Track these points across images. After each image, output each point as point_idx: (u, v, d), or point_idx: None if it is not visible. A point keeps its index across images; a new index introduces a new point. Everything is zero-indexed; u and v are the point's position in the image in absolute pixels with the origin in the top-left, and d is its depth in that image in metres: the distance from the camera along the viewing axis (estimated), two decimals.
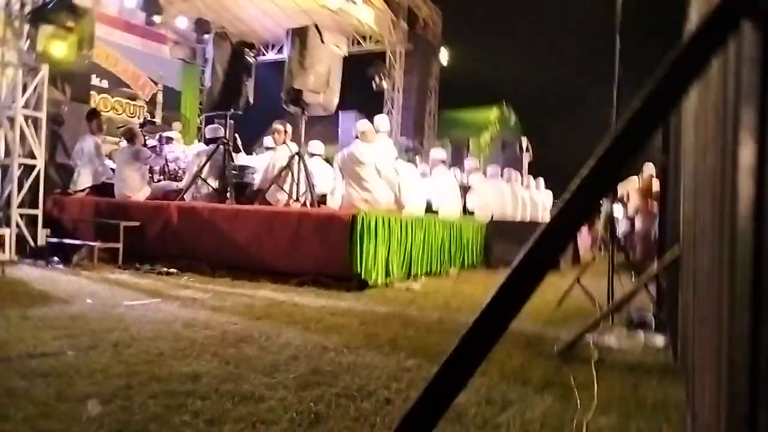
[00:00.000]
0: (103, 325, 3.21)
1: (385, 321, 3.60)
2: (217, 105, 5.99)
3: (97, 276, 5.24)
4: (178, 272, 5.52)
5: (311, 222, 5.23)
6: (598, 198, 0.78)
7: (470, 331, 0.77)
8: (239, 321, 3.46)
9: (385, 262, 5.32)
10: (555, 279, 6.48)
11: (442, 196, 7.26)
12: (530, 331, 3.51)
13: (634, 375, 2.55)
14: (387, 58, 13.86)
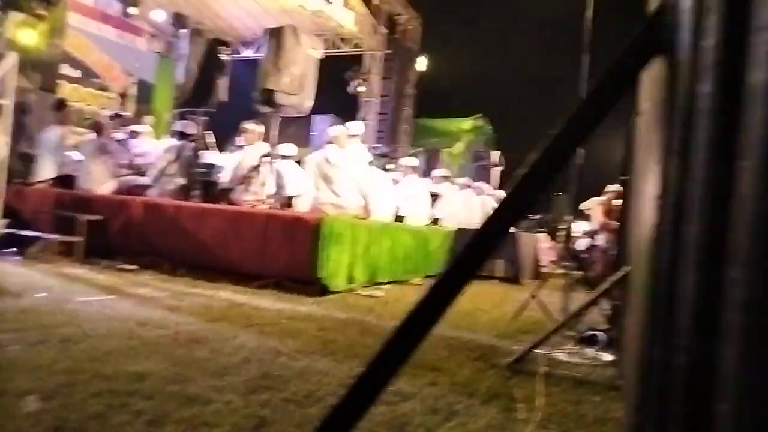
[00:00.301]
0: (55, 319, 3.15)
1: (344, 327, 3.62)
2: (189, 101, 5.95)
3: (54, 270, 5.13)
4: (138, 269, 5.44)
5: (278, 224, 5.21)
6: (514, 220, 0.82)
7: (391, 339, 0.80)
8: (194, 322, 3.44)
9: (348, 268, 5.34)
10: (516, 292, 6.62)
11: (411, 204, 7.32)
12: (485, 343, 3.57)
13: (578, 390, 2.62)
14: (365, 62, 13.91)
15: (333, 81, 13.15)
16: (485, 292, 6.46)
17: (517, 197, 0.80)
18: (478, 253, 0.77)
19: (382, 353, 0.74)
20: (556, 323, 3.95)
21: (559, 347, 3.53)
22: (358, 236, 5.45)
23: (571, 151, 0.77)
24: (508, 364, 2.96)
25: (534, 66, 21.43)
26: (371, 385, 0.75)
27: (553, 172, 0.78)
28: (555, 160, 0.78)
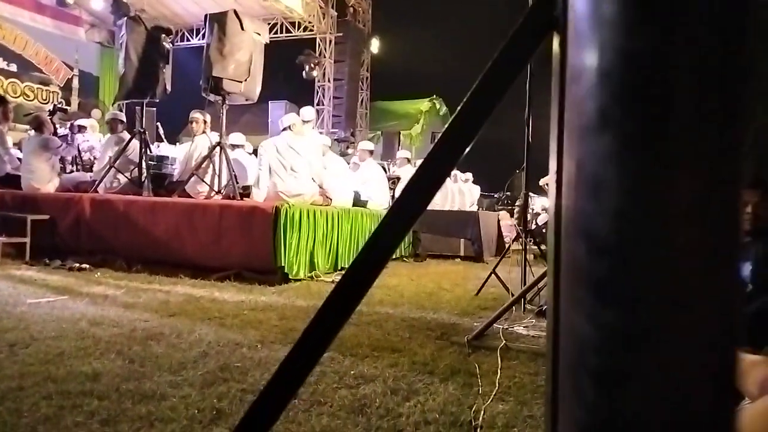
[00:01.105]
0: (2, 324, 3.03)
1: (305, 315, 3.60)
2: (131, 92, 5.72)
3: (1, 273, 4.91)
4: (91, 268, 5.26)
5: (233, 215, 5.12)
6: (423, 202, 0.82)
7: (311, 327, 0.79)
8: (151, 318, 3.36)
9: (309, 256, 5.30)
10: (478, 270, 6.72)
11: (370, 188, 7.30)
12: (446, 321, 3.62)
13: (535, 363, 2.68)
14: (317, 46, 13.73)
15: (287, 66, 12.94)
16: (448, 271, 6.54)
17: (418, 185, 0.80)
18: (393, 233, 0.77)
19: (304, 340, 0.73)
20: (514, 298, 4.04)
21: (518, 321, 3.61)
22: (317, 223, 5.41)
23: (472, 135, 0.78)
24: (468, 340, 3.01)
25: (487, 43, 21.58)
26: (293, 374, 0.74)
27: (455, 154, 0.79)
28: (456, 143, 0.78)
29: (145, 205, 5.51)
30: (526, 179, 4.53)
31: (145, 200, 5.61)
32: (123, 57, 5.68)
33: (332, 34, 13.84)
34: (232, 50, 5.27)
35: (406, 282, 5.42)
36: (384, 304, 4.18)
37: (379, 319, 3.58)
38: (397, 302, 4.28)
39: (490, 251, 8.25)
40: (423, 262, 7.43)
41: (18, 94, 11.89)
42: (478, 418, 1.93)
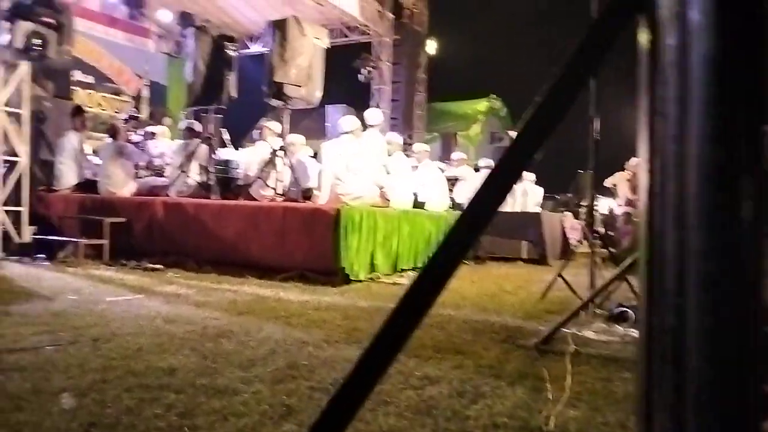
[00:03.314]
0: (85, 320, 3.21)
1: (368, 315, 3.63)
2: (199, 100, 5.97)
3: (82, 272, 5.23)
4: (164, 268, 5.51)
5: (296, 217, 5.23)
6: (502, 193, 0.80)
7: (386, 325, 0.79)
8: (221, 316, 3.48)
9: (370, 257, 5.34)
10: (542, 273, 6.56)
11: (429, 190, 7.28)
12: (511, 325, 3.55)
13: (607, 368, 2.58)
14: (373, 49, 13.82)
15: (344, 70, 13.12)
16: (511, 274, 6.42)
17: (504, 171, 0.78)
18: (468, 233, 0.75)
19: (377, 342, 0.73)
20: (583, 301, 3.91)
21: (587, 325, 3.49)
22: (377, 225, 5.44)
23: (555, 122, 0.76)
24: (535, 344, 2.94)
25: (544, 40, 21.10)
26: (366, 377, 0.74)
27: (533, 147, 0.77)
28: (535, 136, 0.76)
29: (213, 208, 5.72)
30: (592, 179, 4.39)
31: (213, 203, 5.82)
32: (191, 66, 5.93)
33: (389, 37, 13.90)
34: (293, 55, 5.40)
35: (467, 284, 5.36)
36: (446, 305, 4.15)
37: (442, 321, 3.56)
38: (459, 304, 4.24)
39: (554, 254, 8.04)
40: (483, 264, 7.32)
41: (94, 104, 12.59)
42: (549, 424, 1.88)
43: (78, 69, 11.61)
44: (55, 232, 6.30)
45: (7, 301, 3.63)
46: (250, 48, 14.84)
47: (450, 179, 8.20)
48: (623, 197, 9.25)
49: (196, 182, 6.27)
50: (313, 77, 5.60)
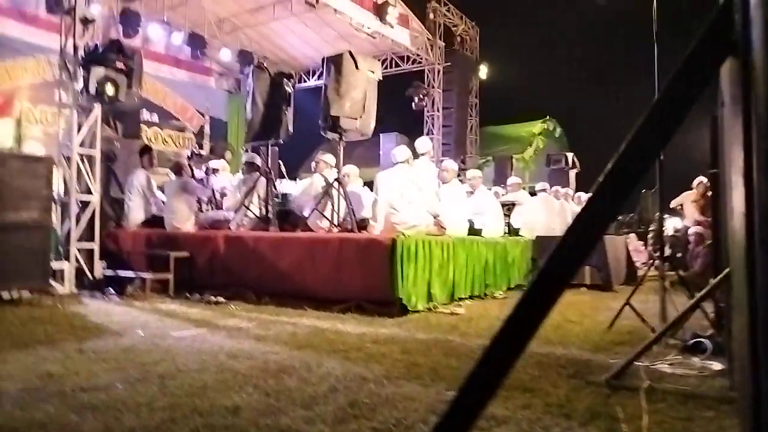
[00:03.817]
0: (152, 356, 3.30)
1: (427, 349, 3.56)
2: (258, 135, 6.16)
3: (149, 307, 5.42)
4: (225, 301, 5.65)
5: (352, 247, 5.26)
6: (604, 221, 0.76)
7: (485, 355, 0.75)
8: (281, 350, 3.50)
9: (427, 286, 5.28)
10: (607, 300, 6.29)
11: (484, 216, 7.17)
12: (578, 358, 3.40)
13: (686, 405, 2.41)
14: (425, 76, 13.93)
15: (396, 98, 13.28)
16: (574, 302, 6.17)
17: (597, 208, 0.74)
18: (567, 262, 0.72)
19: (474, 377, 0.69)
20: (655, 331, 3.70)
21: (661, 358, 3.29)
22: (433, 253, 5.39)
23: (642, 170, 0.72)
24: (607, 380, 2.78)
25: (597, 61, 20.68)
26: (464, 412, 0.70)
27: (624, 191, 0.73)
28: (625, 179, 0.73)
29: (271, 241, 5.83)
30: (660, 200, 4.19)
31: (271, 236, 5.94)
32: (250, 102, 6.15)
33: (440, 64, 13.99)
34: (348, 89, 5.50)
35: None
36: None
37: None
38: None
39: (619, 279, 7.70)
40: None
41: (159, 141, 13.29)
42: None
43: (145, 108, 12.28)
44: (124, 267, 6.59)
45: (81, 338, 3.79)
46: (306, 81, 15.31)
47: (505, 204, 8.06)
48: (690, 218, 8.82)
49: (256, 215, 6.42)
50: (368, 109, 5.68)
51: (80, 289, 6.28)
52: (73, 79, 6.44)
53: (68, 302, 5.43)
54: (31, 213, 5.31)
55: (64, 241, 6.44)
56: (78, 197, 6.52)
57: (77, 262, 6.44)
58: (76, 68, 6.38)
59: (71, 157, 6.47)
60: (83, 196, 6.59)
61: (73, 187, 6.47)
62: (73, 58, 6.44)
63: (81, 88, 6.36)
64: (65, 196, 6.54)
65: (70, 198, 6.46)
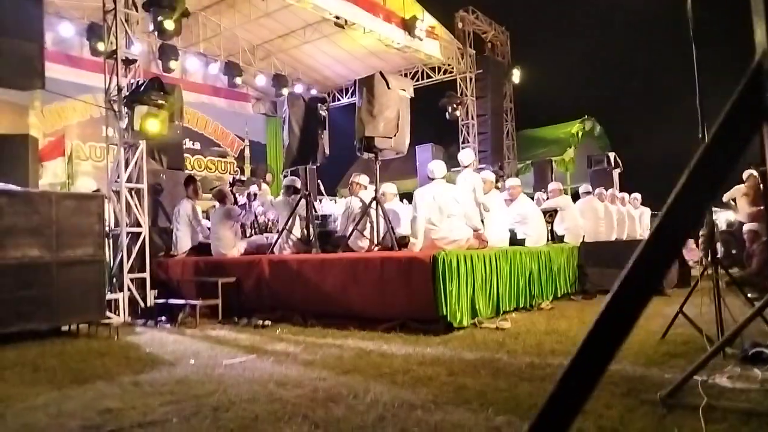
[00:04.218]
0: (205, 388, 3.39)
1: (474, 370, 3.53)
2: (296, 161, 6.29)
3: (200, 334, 5.56)
4: (272, 324, 5.75)
5: (393, 266, 5.27)
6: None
7: (564, 378, 0.75)
8: (329, 376, 3.53)
9: (470, 302, 5.24)
10: (659, 305, 6.07)
11: (526, 225, 7.07)
12: (631, 373, 3.29)
13: (749, 426, 2.31)
14: (457, 85, 13.90)
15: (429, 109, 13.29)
16: None
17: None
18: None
19: (554, 401, 0.69)
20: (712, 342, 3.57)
21: (719, 371, 3.16)
22: (476, 268, 5.35)
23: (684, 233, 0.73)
24: (662, 397, 2.69)
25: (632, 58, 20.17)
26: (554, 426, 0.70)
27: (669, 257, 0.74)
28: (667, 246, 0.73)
29: (314, 263, 5.91)
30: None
31: (314, 258, 6.03)
32: (287, 129, 6.29)
33: (472, 72, 13.94)
34: (381, 109, 5.55)
35: (577, 325, 5.08)
36: (556, 354, 3.95)
37: (554, 372, 3.38)
38: (571, 351, 3.95)
39: (671, 281, 7.44)
40: (593, 299, 6.92)
41: (202, 168, 13.73)
42: None
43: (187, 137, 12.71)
44: (174, 295, 6.80)
45: (136, 371, 3.93)
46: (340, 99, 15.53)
47: (547, 211, 7.92)
48: (743, 211, 8.44)
49: (298, 238, 6.53)
50: (401, 127, 5.72)
51: (134, 318, 6.52)
52: (118, 118, 6.74)
53: (123, 332, 5.63)
54: (86, 249, 5.56)
55: (117, 271, 6.71)
56: (128, 230, 6.78)
57: (130, 291, 6.69)
58: (121, 107, 6.67)
59: (120, 191, 6.76)
60: (133, 228, 6.85)
61: (123, 220, 6.74)
62: (117, 98, 6.74)
63: (126, 125, 6.65)
64: (116, 229, 6.83)
65: (121, 231, 6.73)
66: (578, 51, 20.06)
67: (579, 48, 19.98)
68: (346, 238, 6.20)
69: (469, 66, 13.88)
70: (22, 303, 5.08)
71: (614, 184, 11.38)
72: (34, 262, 5.18)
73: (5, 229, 5.00)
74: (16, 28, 5.30)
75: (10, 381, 3.76)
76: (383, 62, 13.89)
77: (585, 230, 8.09)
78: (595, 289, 7.18)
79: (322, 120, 6.21)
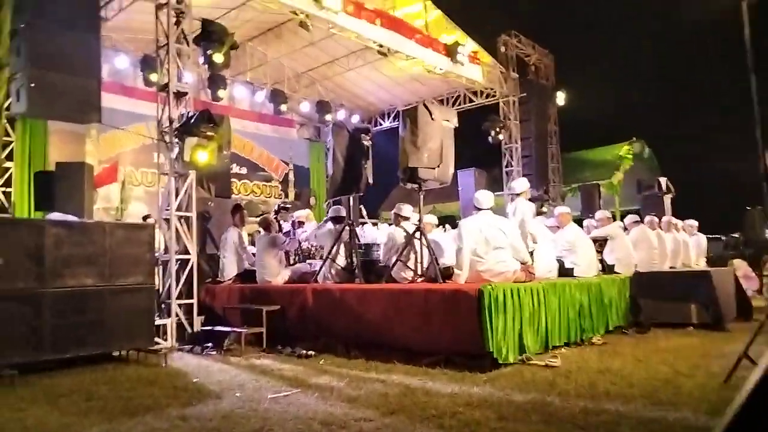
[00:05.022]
0: (250, 425, 3.39)
1: (525, 415, 3.39)
2: (339, 190, 6.34)
3: (245, 363, 5.59)
4: (315, 354, 5.73)
5: (437, 298, 5.19)
6: None
7: None
8: (374, 416, 3.46)
9: (518, 337, 5.09)
10: (720, 342, 5.78)
11: (575, 255, 6.87)
12: (693, 424, 3.10)
13: None
14: (500, 109, 13.80)
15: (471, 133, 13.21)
16: (681, 346, 5.71)
17: None
18: None
19: None
20: None
21: None
22: (523, 301, 5.20)
23: None
24: None
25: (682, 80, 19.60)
26: None
27: None
28: None
29: (357, 292, 5.89)
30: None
31: (357, 287, 6.00)
32: (331, 159, 6.36)
33: (515, 95, 13.83)
34: (425, 140, 5.54)
35: (632, 363, 4.85)
36: (611, 397, 3.77)
37: (610, 420, 3.22)
38: (626, 394, 3.82)
39: (730, 314, 7.06)
40: (647, 333, 6.62)
41: (248, 192, 14.03)
42: None
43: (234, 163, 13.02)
44: (220, 322, 6.89)
45: (183, 402, 3.96)
46: (382, 124, 15.66)
47: (597, 240, 7.68)
48: None
49: (341, 267, 6.54)
50: (445, 158, 5.68)
51: (181, 344, 6.62)
52: (169, 148, 6.96)
53: (170, 358, 5.72)
54: (137, 277, 5.71)
55: (165, 297, 6.86)
56: (177, 256, 6.94)
57: (178, 317, 6.81)
58: (172, 138, 6.89)
59: (170, 219, 6.94)
60: (182, 255, 7.01)
61: (173, 247, 6.90)
62: (168, 129, 6.97)
63: (177, 156, 6.85)
64: (166, 255, 7.00)
65: (171, 257, 6.89)
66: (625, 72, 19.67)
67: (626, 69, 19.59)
68: (389, 268, 6.15)
69: (513, 89, 13.77)
70: (77, 329, 5.24)
71: (666, 210, 10.97)
72: (89, 290, 5.34)
73: (63, 259, 5.19)
74: (77, 65, 5.56)
75: (65, 410, 3.85)
76: (425, 87, 13.94)
77: (638, 260, 7.80)
78: (650, 321, 6.88)
79: (365, 150, 6.24)
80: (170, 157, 7.00)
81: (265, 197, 14.30)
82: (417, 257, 5.95)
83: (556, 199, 13.66)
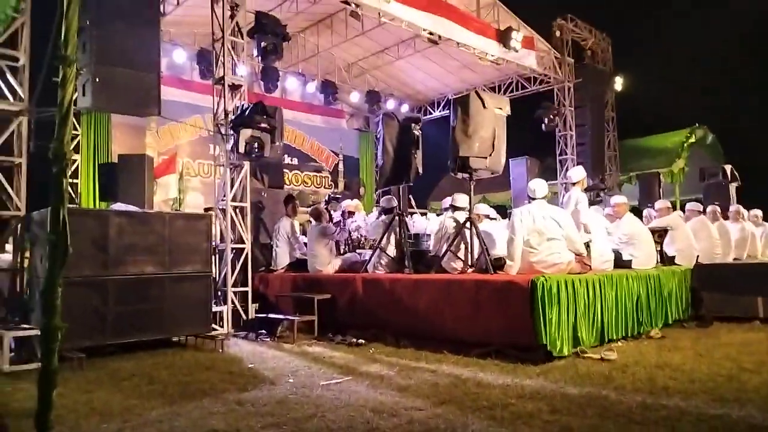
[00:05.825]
0: (304, 410, 3.46)
1: (579, 408, 3.32)
2: (389, 180, 6.34)
3: (297, 349, 5.72)
4: (365, 343, 5.79)
5: (489, 289, 5.13)
6: None
7: None
8: (424, 405, 3.47)
9: (572, 329, 4.97)
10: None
11: (633, 246, 6.62)
12: (760, 423, 2.95)
13: None
14: (554, 95, 13.41)
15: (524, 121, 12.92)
16: (746, 341, 5.45)
17: None
18: None
19: None
20: None
21: None
22: (577, 293, 5.07)
23: None
24: None
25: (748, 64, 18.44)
26: None
27: None
28: None
29: (407, 283, 5.90)
30: None
31: (407, 278, 6.01)
32: (381, 149, 6.36)
33: (570, 81, 13.40)
34: (476, 129, 5.45)
35: (693, 358, 4.66)
36: (671, 392, 3.63)
37: (669, 416, 3.10)
38: (688, 390, 3.68)
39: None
40: (708, 327, 6.33)
41: (299, 183, 14.27)
42: None
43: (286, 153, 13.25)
44: (273, 309, 7.06)
45: (239, 387, 4.08)
46: (432, 113, 15.56)
47: (656, 231, 7.38)
48: None
49: (391, 257, 6.56)
50: (497, 147, 5.58)
51: (236, 330, 6.83)
52: (225, 140, 7.15)
53: (226, 344, 5.91)
54: (195, 265, 5.92)
55: (221, 285, 7.08)
56: (232, 245, 7.14)
57: (233, 304, 7.02)
58: (227, 130, 7.07)
59: (226, 209, 7.14)
60: (237, 244, 7.21)
61: (228, 236, 7.11)
62: (224, 122, 7.15)
63: (232, 147, 7.02)
64: (222, 244, 7.21)
65: (226, 246, 7.10)
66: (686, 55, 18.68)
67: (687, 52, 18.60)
68: (439, 258, 6.12)
69: (568, 75, 13.35)
70: (138, 315, 5.48)
71: (731, 199, 10.43)
72: (149, 278, 5.57)
73: (125, 248, 5.43)
74: (138, 60, 5.76)
75: (128, 392, 4.05)
76: (476, 75, 13.71)
77: (699, 251, 7.45)
78: (712, 315, 6.57)
79: (415, 140, 6.21)
80: (225, 149, 7.20)
81: (316, 187, 14.50)
82: (467, 247, 5.89)
83: (612, 188, 13.20)
